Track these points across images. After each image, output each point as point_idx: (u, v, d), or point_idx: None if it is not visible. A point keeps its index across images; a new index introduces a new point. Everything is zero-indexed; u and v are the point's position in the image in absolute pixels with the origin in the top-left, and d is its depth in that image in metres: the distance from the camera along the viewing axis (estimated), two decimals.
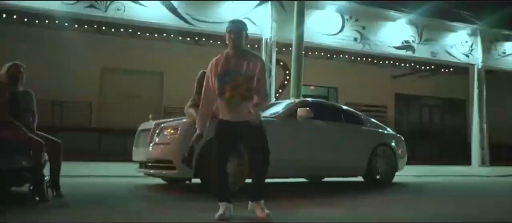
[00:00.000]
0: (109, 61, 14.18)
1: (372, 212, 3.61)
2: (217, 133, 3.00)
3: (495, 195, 5.66)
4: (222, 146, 2.97)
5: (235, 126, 2.93)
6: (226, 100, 2.92)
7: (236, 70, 2.90)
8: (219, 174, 2.98)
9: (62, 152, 3.72)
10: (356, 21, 11.03)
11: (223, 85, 2.91)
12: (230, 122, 2.94)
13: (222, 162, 2.98)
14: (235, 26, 2.98)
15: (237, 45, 2.95)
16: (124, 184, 5.08)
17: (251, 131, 2.90)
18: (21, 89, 3.71)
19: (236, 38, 2.93)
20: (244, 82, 2.87)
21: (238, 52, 2.96)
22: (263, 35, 10.15)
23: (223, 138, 2.96)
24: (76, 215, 2.98)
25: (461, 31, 12.06)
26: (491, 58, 12.48)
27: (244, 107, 2.89)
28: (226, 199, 2.93)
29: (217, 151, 2.97)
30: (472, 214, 3.60)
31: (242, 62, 2.90)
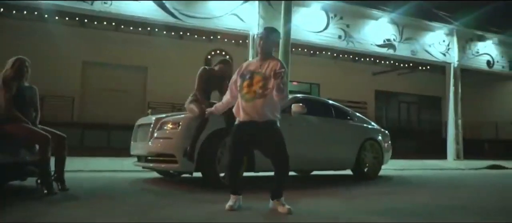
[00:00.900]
0: (91, 55, 13.94)
1: (367, 202, 3.84)
2: (234, 133, 3.14)
3: (473, 186, 6.04)
4: (237, 145, 3.10)
5: (253, 128, 3.05)
6: (242, 96, 3.10)
7: (256, 70, 3.09)
8: (232, 171, 3.14)
9: (67, 146, 3.75)
10: (341, 19, 11.30)
11: (243, 82, 3.11)
12: (248, 123, 3.06)
13: (236, 160, 3.13)
14: (265, 34, 3.19)
15: (263, 51, 3.14)
16: (120, 179, 5.11)
17: (268, 136, 3.05)
18: (26, 84, 3.71)
19: (264, 44, 3.13)
20: (260, 81, 3.03)
21: (263, 57, 3.15)
22: (250, 32, 10.25)
23: (239, 138, 3.10)
24: (87, 208, 3.04)
25: (439, 30, 12.57)
26: (466, 57, 13.07)
27: (257, 105, 3.01)
28: (236, 192, 3.13)
29: (232, 150, 3.12)
30: (457, 203, 3.89)
31: (263, 64, 3.09)
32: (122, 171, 6.57)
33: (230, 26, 10.10)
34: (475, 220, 3.05)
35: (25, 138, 3.51)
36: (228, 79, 4.66)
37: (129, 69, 14.73)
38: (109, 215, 2.81)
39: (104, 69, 14.28)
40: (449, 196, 4.56)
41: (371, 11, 11.70)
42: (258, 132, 3.05)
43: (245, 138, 3.09)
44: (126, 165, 7.11)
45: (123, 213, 2.87)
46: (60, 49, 12.79)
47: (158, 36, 14.62)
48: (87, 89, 14.32)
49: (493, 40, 13.76)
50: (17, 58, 3.61)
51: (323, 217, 2.96)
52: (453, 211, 3.41)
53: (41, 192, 3.38)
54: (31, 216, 2.65)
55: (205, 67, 4.68)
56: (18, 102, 3.52)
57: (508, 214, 3.47)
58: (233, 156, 3.10)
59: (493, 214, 3.37)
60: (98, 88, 14.20)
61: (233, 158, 3.11)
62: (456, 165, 11.00)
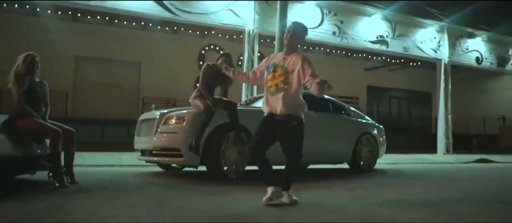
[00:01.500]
0: (84, 50, 13.86)
1: (367, 194, 4.00)
2: (258, 126, 3.18)
3: (465, 179, 6.27)
4: (259, 134, 3.14)
5: (273, 121, 3.10)
6: (266, 89, 3.18)
7: (280, 64, 3.15)
8: (257, 161, 3.15)
9: (76, 141, 3.82)
10: (335, 15, 11.45)
11: (267, 75, 3.18)
12: (269, 115, 3.13)
13: (258, 149, 3.12)
14: (294, 28, 3.24)
15: (289, 45, 3.21)
16: (123, 173, 5.19)
17: (286, 130, 3.09)
18: (37, 79, 3.76)
19: (291, 38, 3.20)
20: (282, 75, 3.08)
21: (288, 51, 3.20)
22: (246, 27, 10.32)
23: (261, 127, 3.14)
24: (104, 199, 3.12)
25: (430, 27, 12.80)
26: (456, 53, 13.36)
27: (279, 98, 3.05)
28: (273, 183, 3.07)
29: (254, 139, 3.17)
30: (454, 195, 4.07)
31: (287, 58, 3.16)
32: (121, 165, 6.64)
33: (225, 21, 10.15)
34: (477, 210, 3.22)
35: (36, 132, 3.56)
36: None
37: (123, 64, 14.68)
38: (128, 206, 2.90)
39: (97, 64, 14.21)
40: (445, 188, 4.76)
41: (365, 8, 11.86)
42: (278, 125, 3.09)
43: (267, 131, 3.12)
44: (124, 160, 7.18)
45: (140, 204, 2.97)
46: (53, 44, 12.66)
47: (152, 31, 14.59)
48: (81, 84, 14.25)
49: (482, 37, 14.08)
50: (28, 53, 3.65)
51: (328, 209, 3.10)
52: (454, 202, 3.58)
53: (53, 185, 3.45)
54: (53, 207, 2.74)
55: (208, 63, 4.77)
56: (29, 97, 3.58)
57: (506, 204, 3.65)
58: (255, 144, 3.13)
59: (491, 205, 3.55)
60: (91, 83, 14.15)
61: (253, 151, 3.13)
62: (446, 159, 11.30)
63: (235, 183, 4.31)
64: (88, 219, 2.36)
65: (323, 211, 2.97)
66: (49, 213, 2.54)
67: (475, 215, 2.98)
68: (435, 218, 2.80)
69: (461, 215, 2.96)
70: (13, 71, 3.54)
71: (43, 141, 3.69)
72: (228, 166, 4.52)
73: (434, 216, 2.87)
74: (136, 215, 2.54)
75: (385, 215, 2.84)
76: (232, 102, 4.76)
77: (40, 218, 2.38)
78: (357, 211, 3.03)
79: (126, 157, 7.68)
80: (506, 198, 4.04)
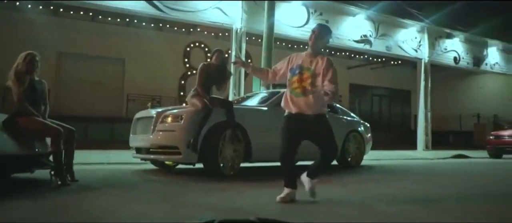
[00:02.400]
0: (66, 46, 13.57)
1: (361, 188, 4.20)
2: (285, 126, 3.20)
3: (447, 173, 6.60)
4: (288, 137, 3.16)
5: (303, 121, 3.13)
6: (290, 91, 3.18)
7: (306, 66, 3.15)
8: (285, 163, 3.20)
9: (76, 139, 3.84)
10: (320, 15, 11.67)
11: (292, 77, 3.18)
12: (296, 115, 3.14)
13: (288, 152, 3.17)
14: (319, 29, 3.25)
15: (314, 46, 3.21)
16: (118, 170, 5.21)
17: (319, 128, 3.15)
18: (37, 78, 3.75)
19: (315, 40, 3.20)
20: (309, 77, 3.11)
21: (313, 52, 3.21)
22: (233, 26, 10.40)
23: (291, 130, 3.16)
24: (111, 196, 3.16)
25: (411, 28, 13.23)
26: (435, 53, 13.85)
27: (309, 100, 3.10)
28: (290, 185, 3.16)
29: (284, 143, 3.17)
30: (439, 189, 4.33)
31: (313, 60, 3.16)
32: (109, 163, 6.63)
33: (213, 19, 10.20)
34: (462, 201, 3.45)
35: (37, 131, 3.57)
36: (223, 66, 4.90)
37: (107, 61, 14.47)
38: (139, 203, 2.95)
39: (80, 60, 13.94)
40: (432, 182, 5.03)
41: (349, 8, 12.15)
42: (309, 124, 3.12)
43: (296, 131, 3.15)
44: (113, 158, 7.16)
45: (150, 201, 3.03)
46: (33, 39, 12.31)
47: (137, 27, 14.43)
48: (63, 80, 13.94)
49: (460, 37, 14.65)
50: (28, 52, 3.64)
51: (328, 202, 3.26)
52: (439, 195, 3.81)
53: (55, 183, 3.48)
54: (66, 205, 2.78)
55: (204, 63, 4.86)
56: (29, 96, 3.58)
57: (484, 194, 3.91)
58: (285, 149, 3.15)
59: (473, 196, 3.80)
60: (74, 80, 13.87)
61: (286, 151, 3.15)
62: (425, 155, 11.74)
63: (233, 179, 4.42)
64: (104, 216, 2.41)
65: (324, 205, 3.13)
66: (64, 210, 2.58)
67: (461, 205, 3.21)
68: (426, 210, 3.00)
69: (448, 206, 3.19)
70: (13, 70, 3.53)
71: (44, 139, 3.70)
72: (224, 163, 4.63)
73: (424, 208, 3.07)
74: (150, 211, 2.62)
75: (381, 208, 3.01)
76: (228, 101, 4.88)
77: (57, 215, 2.43)
78: (355, 204, 3.20)
79: (114, 155, 7.66)
80: (483, 190, 4.32)
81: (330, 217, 2.66)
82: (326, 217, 2.69)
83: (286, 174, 3.22)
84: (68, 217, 2.39)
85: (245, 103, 6.24)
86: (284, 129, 3.19)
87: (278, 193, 3.59)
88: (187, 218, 2.39)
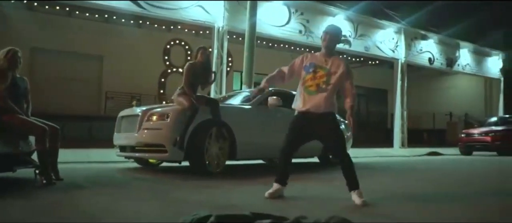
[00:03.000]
0: (41, 41, 13.16)
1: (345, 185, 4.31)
2: (293, 123, 3.26)
3: (426, 169, 6.89)
4: (293, 135, 3.23)
5: (312, 119, 3.17)
6: (304, 88, 3.22)
7: (320, 65, 3.21)
8: (283, 159, 3.28)
9: (60, 137, 3.78)
10: (301, 14, 11.83)
11: (307, 74, 3.21)
12: (306, 113, 3.18)
13: (289, 150, 3.25)
14: (332, 30, 3.30)
15: (328, 46, 3.26)
16: (101, 169, 5.16)
17: (327, 126, 3.19)
18: (18, 75, 3.66)
19: (330, 40, 3.25)
20: (324, 76, 3.16)
21: (327, 52, 3.27)
22: (215, 24, 10.39)
23: (298, 128, 3.22)
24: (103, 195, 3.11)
25: (389, 28, 13.59)
26: (411, 54, 14.29)
27: (320, 98, 3.13)
28: (281, 182, 3.25)
29: (287, 139, 3.23)
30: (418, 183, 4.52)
31: (328, 60, 3.22)
32: (90, 162, 6.53)
33: (195, 17, 10.16)
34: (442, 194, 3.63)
35: (21, 129, 3.49)
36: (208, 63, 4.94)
37: (84, 58, 14.10)
38: (132, 200, 2.95)
39: (55, 56, 13.53)
40: (411, 178, 5.24)
41: (329, 8, 12.36)
42: (315, 123, 3.17)
43: (304, 129, 3.21)
44: (92, 156, 7.04)
45: (142, 198, 3.03)
46: (6, 34, 11.92)
47: (116, 24, 14.17)
48: (38, 77, 13.48)
49: (434, 39, 15.16)
50: (10, 48, 3.55)
51: (317, 199, 3.36)
52: (420, 189, 3.99)
53: (40, 182, 3.41)
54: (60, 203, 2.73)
55: (190, 62, 4.85)
56: (12, 93, 3.49)
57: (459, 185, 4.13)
58: (285, 147, 3.23)
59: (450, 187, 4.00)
60: (49, 77, 13.46)
61: (286, 149, 3.23)
62: (402, 153, 12.13)
63: (219, 177, 4.46)
64: (101, 214, 2.39)
65: (313, 201, 3.22)
66: (60, 209, 2.54)
67: (441, 197, 3.38)
68: (412, 204, 3.15)
69: (430, 199, 3.35)
70: None
71: (27, 137, 3.62)
72: (210, 161, 4.66)
73: (408, 202, 3.22)
74: (144, 209, 2.63)
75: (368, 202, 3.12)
76: (214, 99, 4.91)
77: (53, 214, 2.39)
78: (342, 199, 3.31)
79: (94, 153, 7.53)
80: (456, 181, 4.55)
81: (323, 212, 2.74)
82: (318, 212, 2.77)
83: (280, 170, 3.30)
84: (65, 216, 2.36)
85: (228, 102, 6.28)
86: (289, 128, 3.27)
87: (266, 190, 3.67)
88: (181, 214, 2.41)
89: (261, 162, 7.25)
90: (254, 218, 2.14)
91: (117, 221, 2.21)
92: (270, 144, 5.67)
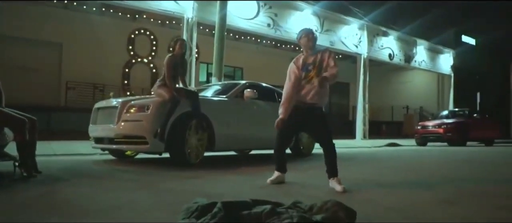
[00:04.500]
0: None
1: (321, 173, 4.47)
2: (289, 116, 3.51)
3: (390, 159, 7.31)
4: (283, 132, 3.55)
5: (303, 112, 3.47)
6: (306, 82, 3.51)
7: (312, 62, 3.53)
8: (279, 149, 3.63)
9: (37, 129, 3.68)
10: (270, 8, 11.99)
11: (307, 73, 3.52)
12: (300, 107, 3.48)
13: (283, 140, 3.61)
14: (310, 32, 3.63)
15: (313, 46, 3.60)
16: (79, 161, 5.05)
17: (312, 119, 3.49)
18: None
19: (312, 39, 3.60)
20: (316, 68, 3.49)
21: (312, 52, 3.58)
22: (185, 15, 10.30)
23: (286, 125, 3.51)
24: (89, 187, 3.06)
25: (352, 24, 14.12)
26: (373, 49, 14.95)
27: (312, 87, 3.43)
28: (280, 170, 3.61)
29: (279, 135, 3.56)
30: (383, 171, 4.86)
31: (315, 56, 3.55)
32: (56, 155, 6.33)
33: (165, 8, 10.03)
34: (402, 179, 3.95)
35: None
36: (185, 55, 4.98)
37: (40, 45, 13.37)
38: (120, 190, 2.94)
39: (9, 43, 12.74)
40: (381, 166, 5.59)
41: (296, 3, 12.62)
42: (307, 116, 3.48)
43: (292, 125, 3.53)
44: (56, 149, 6.81)
45: (130, 188, 3.03)
46: None
47: (76, 10, 13.57)
48: None
49: (394, 36, 15.94)
50: None
51: (298, 186, 3.54)
52: (385, 176, 4.30)
53: (19, 175, 3.32)
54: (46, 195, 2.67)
55: (170, 54, 4.83)
56: None
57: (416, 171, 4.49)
58: (279, 141, 3.57)
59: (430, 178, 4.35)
60: (4, 66, 12.65)
61: (279, 143, 3.58)
62: (364, 144, 12.72)
63: (199, 167, 4.52)
64: (94, 206, 2.40)
65: (296, 188, 3.39)
66: (47, 201, 2.50)
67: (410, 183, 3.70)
68: (384, 189, 3.41)
69: (401, 185, 3.65)
70: None
71: (2, 130, 3.49)
72: (189, 152, 4.70)
73: (382, 188, 3.49)
74: (135, 198, 2.65)
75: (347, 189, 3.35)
76: (194, 92, 4.93)
77: (43, 207, 2.36)
78: (320, 186, 3.52)
79: (57, 146, 7.28)
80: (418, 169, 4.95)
81: (309, 198, 2.91)
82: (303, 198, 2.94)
83: (277, 160, 3.62)
84: (58, 208, 2.33)
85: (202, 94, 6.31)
86: (287, 120, 3.52)
87: (250, 180, 3.81)
88: (174, 203, 2.48)
89: (234, 154, 7.37)
90: (253, 204, 2.27)
91: (112, 211, 2.23)
92: (247, 136, 5.82)
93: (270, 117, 6.36)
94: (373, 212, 2.45)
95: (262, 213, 2.12)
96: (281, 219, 2.04)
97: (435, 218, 2.38)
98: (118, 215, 2.15)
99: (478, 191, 3.48)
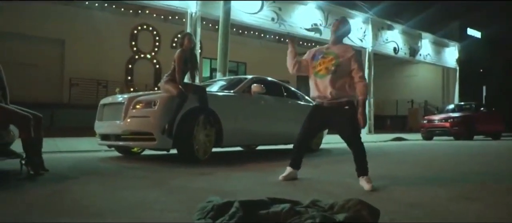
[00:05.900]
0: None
1: (333, 168, 4.45)
2: (308, 114, 3.41)
3: (398, 153, 7.22)
4: (306, 127, 3.40)
5: (324, 110, 3.29)
6: (315, 74, 3.31)
7: (328, 51, 3.33)
8: (299, 145, 3.46)
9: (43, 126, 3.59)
10: (274, 2, 11.85)
11: (316, 61, 3.32)
12: (322, 101, 3.29)
13: (305, 137, 3.43)
14: (339, 19, 3.46)
15: (337, 34, 3.38)
16: (85, 158, 4.97)
17: (344, 121, 3.25)
18: None
19: (339, 27, 3.40)
20: (333, 59, 3.22)
21: (335, 41, 3.40)
22: (188, 10, 10.19)
23: (310, 121, 3.38)
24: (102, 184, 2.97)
25: (357, 18, 13.96)
26: (377, 43, 14.79)
27: (329, 81, 3.18)
28: (294, 166, 3.47)
29: (302, 129, 3.41)
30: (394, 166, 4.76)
31: (335, 47, 3.35)
32: (61, 152, 6.26)
33: (168, 3, 9.92)
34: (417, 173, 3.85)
35: (3, 119, 3.27)
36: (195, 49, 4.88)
37: (43, 41, 13.29)
38: (132, 188, 2.86)
39: (12, 40, 12.66)
40: (386, 161, 5.48)
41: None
42: (334, 114, 3.25)
43: (317, 122, 3.38)
44: (61, 146, 6.74)
45: (142, 186, 2.95)
46: None
47: (78, 6, 13.46)
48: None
49: (399, 29, 15.78)
50: None
51: (311, 181, 3.45)
52: (399, 171, 4.20)
53: (26, 173, 3.24)
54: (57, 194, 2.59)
55: (181, 49, 4.72)
56: None
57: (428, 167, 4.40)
58: (301, 136, 3.41)
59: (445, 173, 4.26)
60: (5, 62, 12.53)
61: (301, 138, 3.42)
62: (370, 139, 12.60)
63: (209, 164, 4.44)
64: (107, 205, 2.30)
65: (310, 184, 3.30)
66: (57, 200, 2.41)
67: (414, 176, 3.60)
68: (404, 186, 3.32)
69: (409, 179, 3.55)
70: None
71: (8, 127, 3.40)
72: (198, 148, 4.62)
73: (392, 183, 3.40)
74: (147, 196, 2.57)
75: (358, 185, 3.26)
76: (202, 87, 4.83)
77: (50, 206, 2.27)
78: (335, 182, 3.43)
79: (61, 143, 7.22)
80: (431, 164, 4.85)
81: (326, 195, 2.81)
82: (319, 195, 2.84)
83: (293, 156, 3.47)
84: (69, 208, 2.25)
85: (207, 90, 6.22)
86: (307, 117, 3.41)
87: (261, 176, 3.73)
88: (189, 201, 2.40)
89: (241, 150, 7.28)
90: (271, 203, 2.17)
91: (127, 211, 2.15)
92: (254, 131, 5.73)
93: (278, 112, 6.34)
94: (395, 210, 2.36)
95: (281, 212, 2.03)
96: (302, 219, 1.95)
97: (458, 215, 2.28)
98: (134, 215, 2.07)
99: (496, 187, 3.38)
